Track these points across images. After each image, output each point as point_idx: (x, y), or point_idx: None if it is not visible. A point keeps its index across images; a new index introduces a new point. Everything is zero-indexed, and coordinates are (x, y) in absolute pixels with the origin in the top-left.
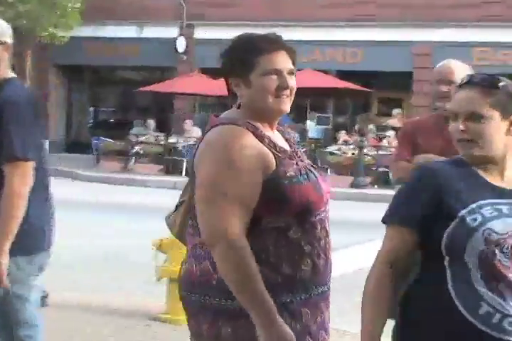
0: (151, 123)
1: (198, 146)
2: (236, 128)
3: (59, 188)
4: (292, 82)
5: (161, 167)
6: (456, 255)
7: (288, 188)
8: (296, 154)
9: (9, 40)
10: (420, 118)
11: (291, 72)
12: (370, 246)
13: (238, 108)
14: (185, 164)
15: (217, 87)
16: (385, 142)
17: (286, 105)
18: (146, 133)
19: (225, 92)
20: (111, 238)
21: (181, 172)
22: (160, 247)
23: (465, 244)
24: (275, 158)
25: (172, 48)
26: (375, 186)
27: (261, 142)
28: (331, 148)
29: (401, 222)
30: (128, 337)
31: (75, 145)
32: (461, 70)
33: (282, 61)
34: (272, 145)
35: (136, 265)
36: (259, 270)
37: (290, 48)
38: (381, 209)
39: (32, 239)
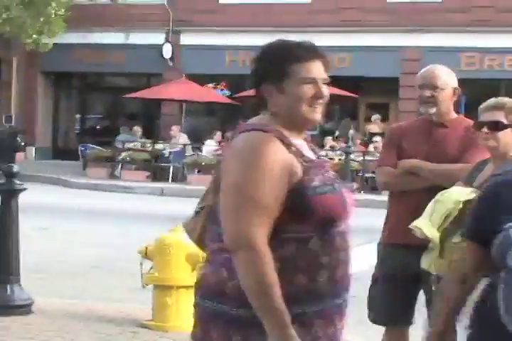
0: (138, 129)
1: (224, 152)
2: (263, 135)
3: (46, 195)
4: (326, 91)
5: (148, 173)
6: (502, 265)
7: (312, 198)
8: (322, 164)
9: None
10: (406, 123)
11: (325, 81)
12: (358, 252)
13: (269, 114)
14: (171, 170)
15: (205, 93)
16: (371, 148)
17: (319, 114)
18: (133, 140)
19: (211, 98)
20: (98, 245)
21: (168, 178)
22: (145, 254)
23: (505, 255)
24: (301, 167)
25: (159, 54)
26: (362, 192)
27: (288, 150)
28: None
29: (467, 235)
30: None
31: (62, 152)
32: (444, 75)
33: (318, 70)
34: (299, 154)
35: (122, 272)
36: (279, 279)
37: (325, 57)
38: (368, 214)
39: None
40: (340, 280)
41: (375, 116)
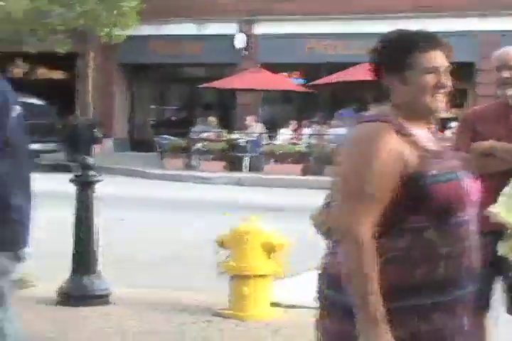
0: (214, 119)
1: (342, 142)
2: (379, 126)
3: (124, 186)
4: (449, 80)
5: (225, 163)
6: None
7: (430, 187)
8: (444, 153)
9: None
10: (480, 107)
11: (447, 70)
12: None
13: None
14: (248, 160)
15: (280, 81)
16: (449, 133)
17: (442, 104)
18: (208, 130)
19: (287, 87)
20: (175, 234)
21: (245, 168)
22: (222, 243)
23: None
24: (418, 157)
25: (233, 44)
26: None
27: (405, 140)
28: None
29: None
30: (191, 332)
31: (139, 144)
32: None
33: (440, 59)
34: (417, 145)
35: (199, 261)
36: (392, 270)
37: (446, 45)
38: None
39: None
40: (463, 271)
41: None
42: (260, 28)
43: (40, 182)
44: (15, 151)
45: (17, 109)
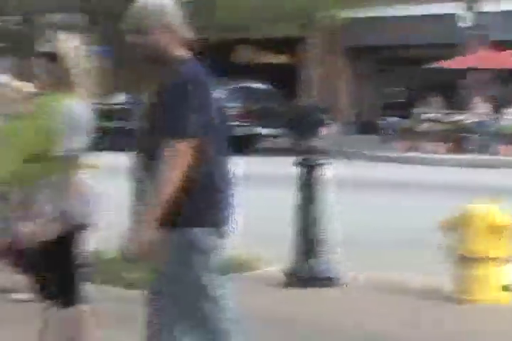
0: (439, 100)
1: None
2: None
3: (351, 169)
4: None
5: (451, 145)
6: None
7: None
8: None
9: (176, 21)
10: None
11: None
12: None
13: None
14: (476, 141)
15: (509, 60)
16: None
17: None
18: (433, 111)
19: None
20: (403, 217)
21: (472, 149)
22: (450, 226)
23: None
24: None
25: (460, 23)
26: None
27: None
28: None
29: None
30: (423, 316)
31: (365, 127)
32: None
33: None
34: None
35: (428, 243)
36: None
37: None
38: None
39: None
40: None
41: None
42: (487, 6)
43: (264, 165)
44: (216, 134)
45: (216, 93)
